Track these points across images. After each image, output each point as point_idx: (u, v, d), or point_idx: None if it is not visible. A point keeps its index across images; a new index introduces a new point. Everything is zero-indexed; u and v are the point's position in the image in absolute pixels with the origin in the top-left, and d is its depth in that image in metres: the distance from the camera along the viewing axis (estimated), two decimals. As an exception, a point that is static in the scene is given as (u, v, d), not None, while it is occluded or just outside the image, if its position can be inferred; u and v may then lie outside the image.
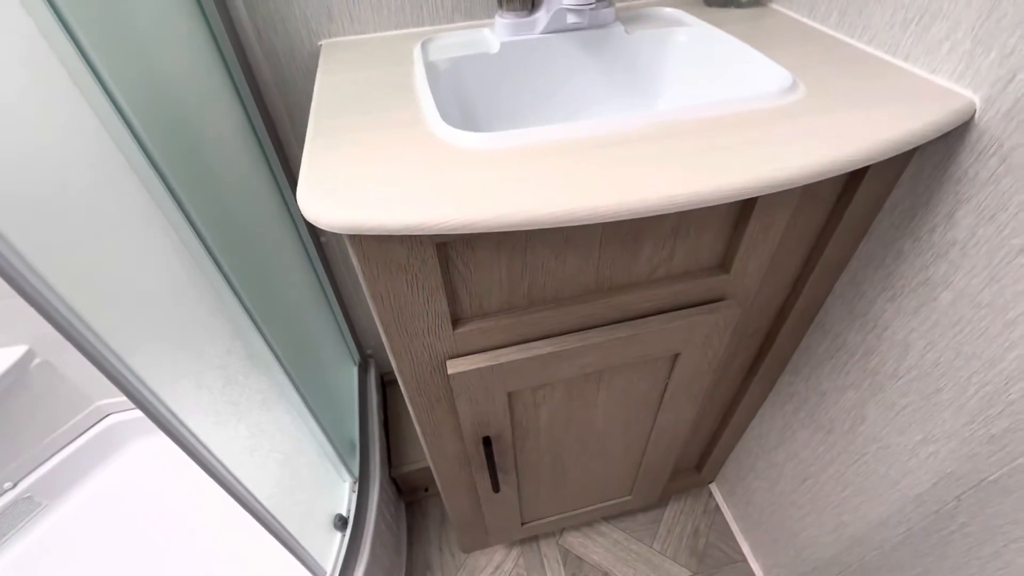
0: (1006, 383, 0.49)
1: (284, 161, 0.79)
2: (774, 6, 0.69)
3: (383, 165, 0.43)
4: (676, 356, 0.65)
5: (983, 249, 0.49)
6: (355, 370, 1.09)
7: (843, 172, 0.42)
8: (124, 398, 1.09)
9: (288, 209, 0.81)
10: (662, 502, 1.14)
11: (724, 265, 0.58)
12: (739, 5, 0.70)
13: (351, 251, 0.45)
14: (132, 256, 0.50)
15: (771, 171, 0.40)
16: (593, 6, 0.57)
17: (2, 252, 0.35)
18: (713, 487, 1.14)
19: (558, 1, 0.58)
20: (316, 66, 0.68)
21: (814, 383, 0.75)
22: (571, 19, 0.59)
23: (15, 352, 0.94)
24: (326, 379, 0.89)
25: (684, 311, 0.59)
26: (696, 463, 1.08)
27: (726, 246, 0.56)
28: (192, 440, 0.48)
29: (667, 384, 0.70)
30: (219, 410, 0.55)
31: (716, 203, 0.40)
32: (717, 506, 1.12)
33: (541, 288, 0.54)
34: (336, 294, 0.99)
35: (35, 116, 0.41)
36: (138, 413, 1.13)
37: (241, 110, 0.68)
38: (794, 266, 0.63)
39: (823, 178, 0.41)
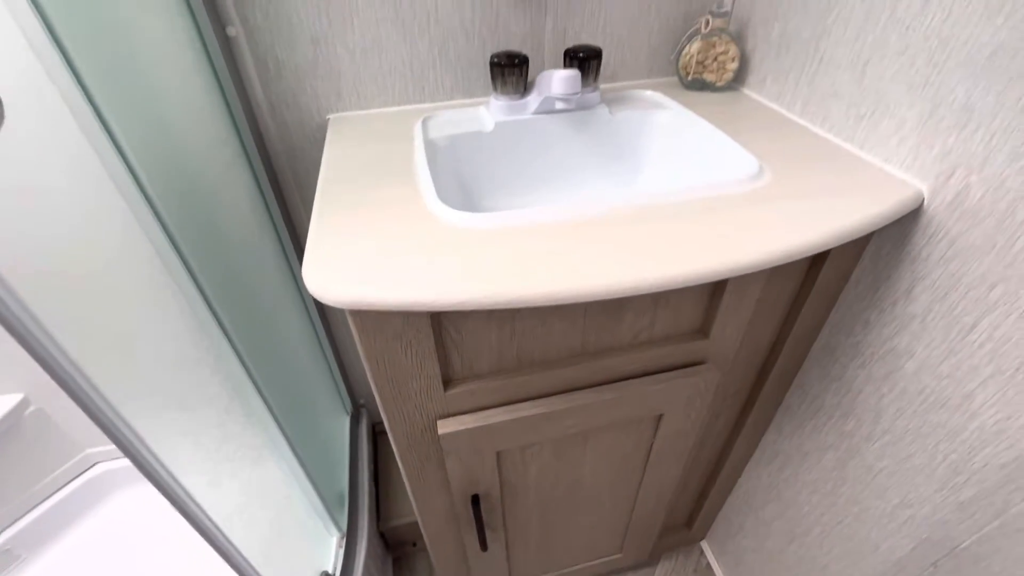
0: (969, 452, 0.51)
1: (288, 221, 0.83)
2: (745, 91, 0.76)
3: (384, 243, 0.47)
4: (660, 417, 0.67)
5: (940, 324, 0.52)
6: (347, 420, 1.10)
7: (803, 257, 0.46)
8: (113, 446, 1.09)
9: (288, 263, 0.85)
10: (653, 560, 1.13)
11: (703, 330, 0.61)
12: (714, 89, 0.76)
13: (350, 321, 0.48)
14: (138, 315, 0.53)
15: (738, 257, 0.44)
16: (579, 94, 0.63)
17: (3, 299, 0.36)
18: (704, 544, 1.13)
19: (547, 88, 0.63)
20: (323, 137, 0.73)
21: (796, 442, 0.77)
22: (559, 105, 0.65)
23: (11, 400, 0.95)
24: (319, 432, 0.90)
25: (666, 374, 0.62)
26: (686, 520, 1.07)
27: (704, 313, 0.60)
28: (186, 499, 0.50)
29: (652, 443, 0.71)
30: (214, 468, 0.56)
31: (689, 285, 0.43)
32: (708, 564, 1.11)
33: (529, 352, 0.57)
34: (332, 344, 1.01)
35: (65, 180, 0.45)
36: (126, 462, 1.12)
37: (251, 175, 0.72)
38: (770, 331, 0.67)
39: (786, 262, 0.45)
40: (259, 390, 0.61)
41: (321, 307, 0.96)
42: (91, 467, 1.11)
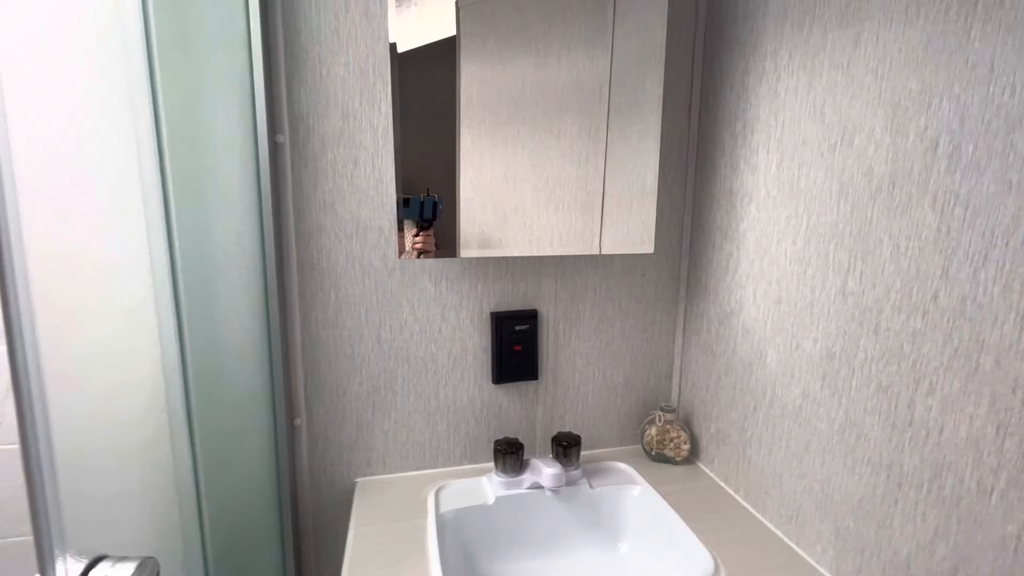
0: None
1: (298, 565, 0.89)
2: (701, 465, 0.93)
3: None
4: None
5: None
6: None
7: None
8: None
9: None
10: None
11: None
12: (674, 463, 0.93)
13: None
14: None
15: None
16: (565, 484, 0.79)
17: None
18: None
19: (539, 475, 0.80)
20: (348, 496, 0.86)
21: None
22: (548, 493, 0.81)
23: None
24: None
25: None
26: None
27: None
28: None
29: None
30: None
31: None
32: None
33: None
34: None
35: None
36: None
37: (278, 530, 0.82)
38: None
39: None
40: None
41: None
42: None
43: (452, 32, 0.73)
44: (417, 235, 0.76)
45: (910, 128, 0.54)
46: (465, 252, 0.77)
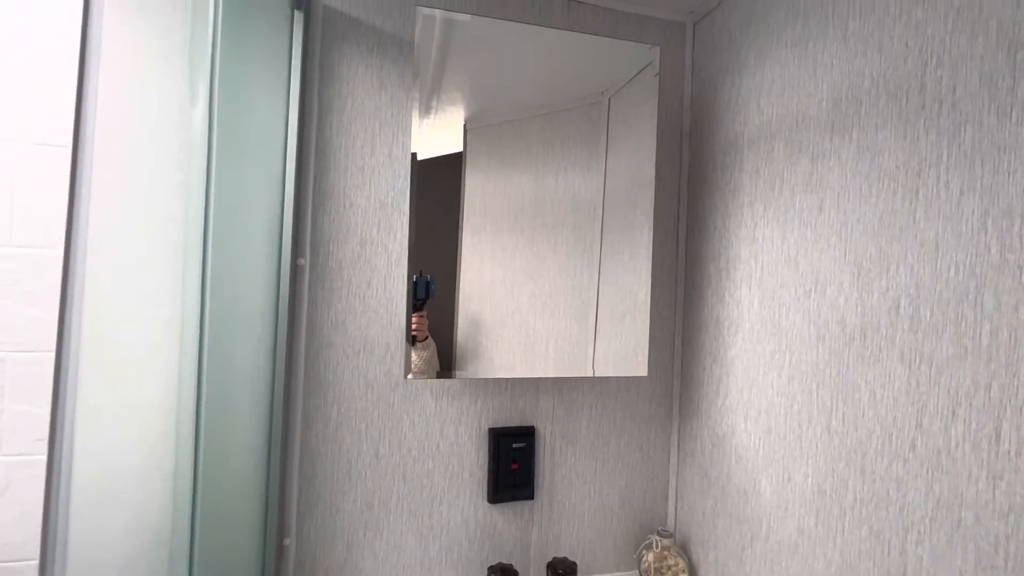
0: None
1: None
2: (700, 596, 0.90)
3: None
4: None
5: None
6: None
7: None
8: None
9: None
10: None
11: None
12: (673, 593, 0.90)
13: None
14: None
15: None
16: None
17: None
18: None
19: (534, 608, 0.77)
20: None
21: None
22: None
23: None
24: None
25: None
26: None
27: None
28: None
29: None
30: None
31: None
32: None
33: None
34: None
35: None
36: None
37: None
38: None
39: None
40: None
41: None
42: None
43: (460, 148, 0.82)
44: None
45: (874, 287, 0.60)
46: (460, 374, 0.81)
